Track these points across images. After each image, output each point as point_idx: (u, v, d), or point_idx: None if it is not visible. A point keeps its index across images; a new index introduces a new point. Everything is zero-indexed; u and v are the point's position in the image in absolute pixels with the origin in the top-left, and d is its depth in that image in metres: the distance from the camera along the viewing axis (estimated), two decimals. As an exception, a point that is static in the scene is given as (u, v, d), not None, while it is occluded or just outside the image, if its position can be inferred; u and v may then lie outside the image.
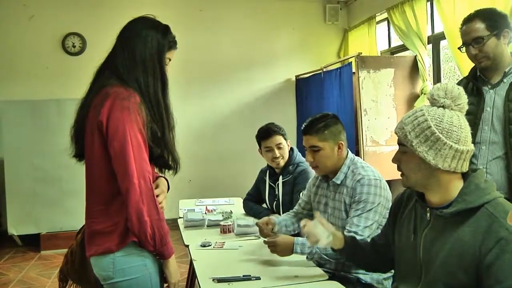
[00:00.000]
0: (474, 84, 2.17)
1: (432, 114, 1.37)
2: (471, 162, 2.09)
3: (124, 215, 1.48)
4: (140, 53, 1.58)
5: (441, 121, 1.36)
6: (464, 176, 1.40)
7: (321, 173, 2.22)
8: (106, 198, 1.52)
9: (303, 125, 2.17)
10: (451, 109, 1.38)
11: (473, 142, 2.08)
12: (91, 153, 1.54)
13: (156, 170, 1.65)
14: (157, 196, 1.55)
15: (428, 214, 1.42)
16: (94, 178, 1.55)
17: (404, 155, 1.42)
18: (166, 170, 1.66)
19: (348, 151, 2.18)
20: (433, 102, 1.41)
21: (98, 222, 1.54)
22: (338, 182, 2.13)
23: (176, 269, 1.62)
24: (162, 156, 1.60)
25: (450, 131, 1.35)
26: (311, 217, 2.38)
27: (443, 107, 1.38)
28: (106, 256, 1.52)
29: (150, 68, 1.59)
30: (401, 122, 1.43)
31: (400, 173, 1.47)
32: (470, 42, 2.10)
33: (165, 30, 1.66)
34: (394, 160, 1.47)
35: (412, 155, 1.38)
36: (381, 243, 1.70)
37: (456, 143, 1.35)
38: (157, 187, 1.63)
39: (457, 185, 1.38)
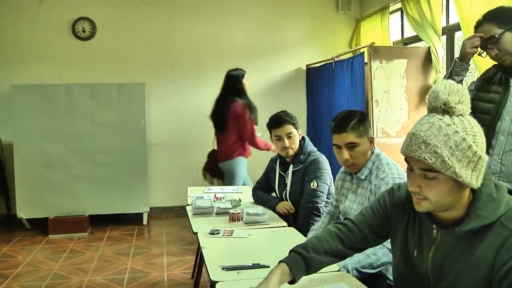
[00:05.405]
0: (503, 73, 2.11)
1: (463, 129, 1.16)
2: (487, 153, 2.04)
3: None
4: None
5: (475, 134, 1.16)
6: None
7: (355, 170, 2.16)
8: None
9: (334, 124, 2.13)
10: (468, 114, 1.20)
11: (493, 132, 2.04)
12: None
13: None
14: None
15: (435, 231, 1.30)
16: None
17: (433, 180, 1.19)
18: None
19: (374, 146, 2.17)
20: (450, 110, 1.18)
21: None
22: (363, 177, 2.12)
23: None
24: None
25: (482, 142, 1.18)
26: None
27: (462, 114, 1.19)
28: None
29: None
30: (426, 144, 1.16)
31: (419, 197, 1.23)
32: (486, 44, 2.06)
33: None
34: (415, 187, 1.22)
35: (447, 180, 1.18)
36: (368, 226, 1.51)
37: (484, 153, 1.19)
38: None
39: (468, 195, 1.23)
